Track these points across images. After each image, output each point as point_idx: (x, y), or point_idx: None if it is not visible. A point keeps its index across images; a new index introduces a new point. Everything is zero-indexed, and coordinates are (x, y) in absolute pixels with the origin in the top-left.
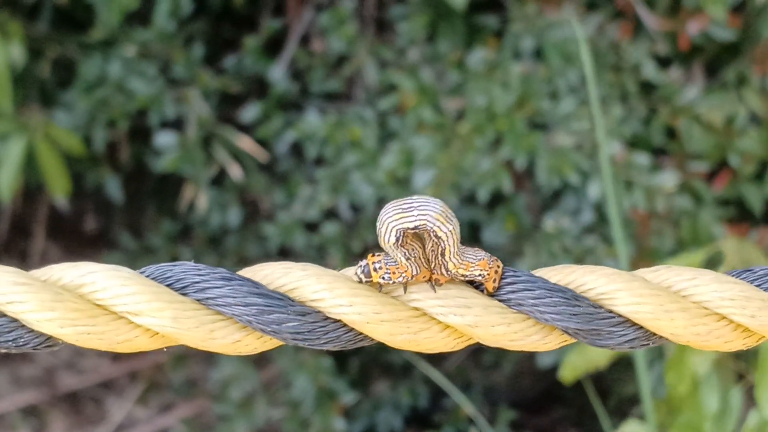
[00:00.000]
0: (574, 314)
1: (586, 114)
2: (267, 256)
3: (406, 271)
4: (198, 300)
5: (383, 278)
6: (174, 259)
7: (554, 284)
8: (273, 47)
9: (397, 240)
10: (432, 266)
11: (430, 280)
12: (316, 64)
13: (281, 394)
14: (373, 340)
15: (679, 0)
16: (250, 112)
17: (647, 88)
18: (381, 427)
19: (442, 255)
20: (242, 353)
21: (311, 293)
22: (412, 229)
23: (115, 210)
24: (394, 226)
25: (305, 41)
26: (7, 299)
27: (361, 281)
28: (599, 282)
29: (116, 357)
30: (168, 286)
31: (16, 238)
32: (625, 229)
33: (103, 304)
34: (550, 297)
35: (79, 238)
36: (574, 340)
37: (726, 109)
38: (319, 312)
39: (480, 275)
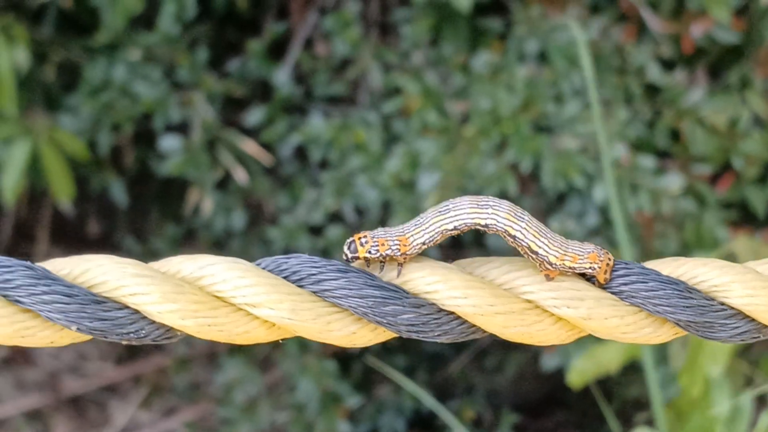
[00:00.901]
0: (687, 306)
1: (591, 117)
2: None
3: (403, 246)
4: (314, 292)
5: (370, 252)
6: None
7: (666, 276)
8: (277, 51)
9: (453, 229)
10: (539, 265)
11: (544, 273)
12: (320, 68)
13: (285, 397)
14: (485, 332)
15: (683, 2)
16: (254, 116)
17: (652, 90)
18: (384, 430)
19: (533, 252)
20: (356, 345)
21: (425, 285)
22: (483, 226)
23: (119, 214)
24: (463, 219)
25: (309, 45)
26: (130, 291)
27: (348, 260)
28: (711, 274)
29: (120, 361)
30: (284, 278)
31: (19, 242)
32: (630, 231)
33: (222, 296)
34: (663, 289)
35: (82, 241)
36: (685, 333)
37: (729, 111)
38: (433, 304)
39: (591, 268)
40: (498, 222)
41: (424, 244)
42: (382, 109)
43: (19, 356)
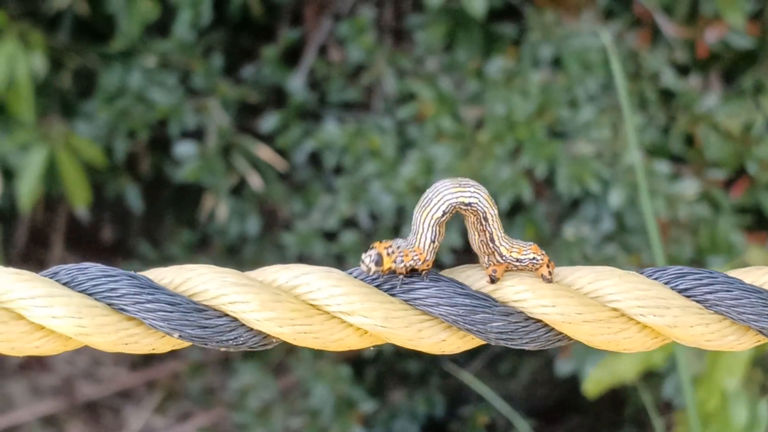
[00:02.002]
0: None
1: (606, 122)
2: None
3: (420, 254)
4: (405, 300)
5: (396, 262)
6: None
7: (750, 285)
8: (291, 57)
9: (443, 215)
10: (485, 258)
11: (490, 270)
12: (334, 74)
13: (299, 402)
14: (571, 340)
15: (697, 7)
16: (268, 122)
17: (666, 95)
18: None
19: (492, 240)
20: (445, 352)
21: (514, 294)
22: (466, 205)
23: (133, 220)
24: (448, 199)
25: (323, 51)
26: (230, 299)
27: (369, 271)
28: None
29: (134, 366)
30: (376, 287)
31: (34, 247)
32: (644, 236)
33: (317, 305)
34: (748, 298)
35: (96, 247)
36: (767, 340)
37: (743, 116)
38: (521, 312)
39: (534, 260)
40: (480, 201)
41: (433, 242)
42: (397, 115)
43: (34, 362)
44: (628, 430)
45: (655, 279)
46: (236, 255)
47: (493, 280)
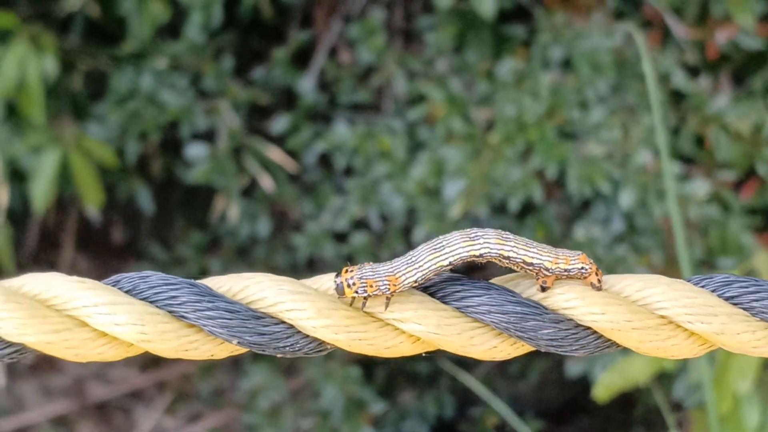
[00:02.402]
0: None
1: (616, 123)
2: (295, 267)
3: (393, 286)
4: (458, 308)
5: (357, 293)
6: (203, 270)
7: None
8: (301, 59)
9: (449, 264)
10: (534, 275)
11: (540, 282)
12: (344, 76)
13: (309, 403)
14: (619, 347)
15: (707, 9)
16: (279, 124)
17: (677, 97)
18: None
19: (529, 265)
20: (496, 358)
21: (564, 301)
22: (479, 256)
23: (144, 221)
24: (459, 253)
25: (333, 53)
26: (287, 307)
27: (337, 293)
28: None
29: (145, 367)
30: (430, 294)
31: (45, 249)
32: (655, 237)
33: (372, 312)
34: None
35: (107, 248)
36: None
37: (753, 117)
38: (570, 319)
39: (582, 269)
40: (491, 249)
41: (416, 282)
42: (407, 117)
43: (44, 363)
44: (637, 430)
45: (702, 287)
46: (247, 256)
47: (543, 289)
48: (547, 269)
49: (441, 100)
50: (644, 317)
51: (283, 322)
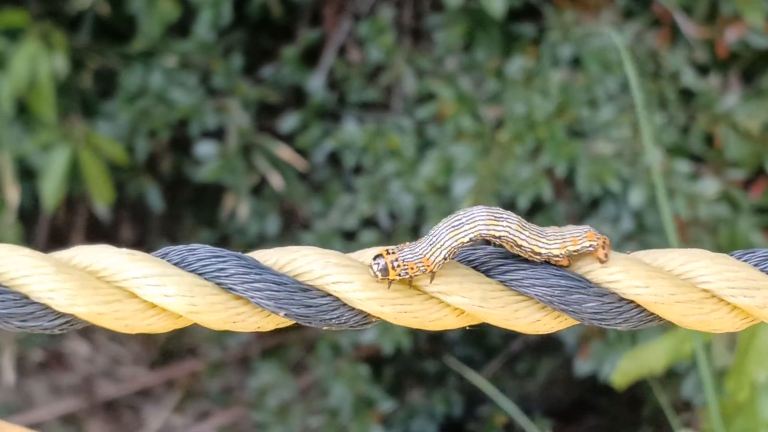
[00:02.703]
0: None
1: (626, 121)
2: None
3: (428, 266)
4: (502, 281)
5: (399, 275)
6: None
7: None
8: (311, 57)
9: (469, 241)
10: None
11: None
12: (353, 74)
13: (318, 401)
14: (662, 320)
15: (717, 7)
16: (288, 122)
17: (686, 95)
18: None
19: (538, 254)
20: (539, 332)
21: (607, 275)
22: (496, 237)
23: (152, 219)
24: (480, 229)
25: (342, 51)
26: (333, 279)
27: (376, 277)
28: None
29: (153, 365)
30: (474, 268)
31: (54, 246)
32: (665, 236)
33: (417, 285)
34: None
35: (115, 246)
36: None
37: (763, 116)
38: (614, 293)
39: (591, 246)
40: (510, 233)
41: (444, 259)
42: (416, 115)
43: (54, 361)
44: (645, 430)
45: (745, 261)
46: None
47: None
48: (555, 256)
49: (450, 98)
50: (687, 291)
51: (329, 295)
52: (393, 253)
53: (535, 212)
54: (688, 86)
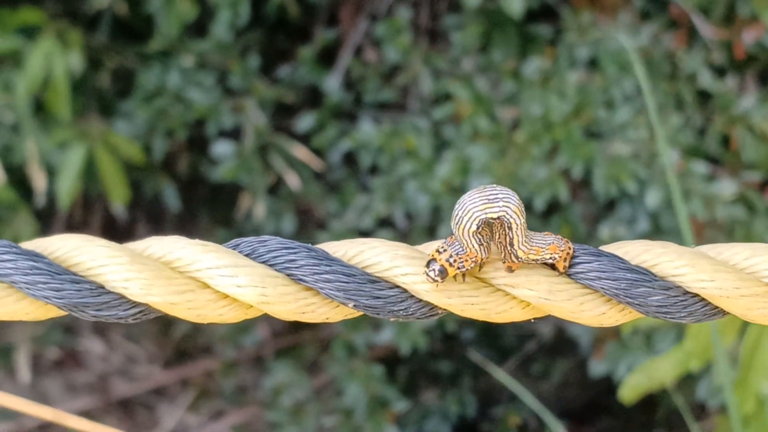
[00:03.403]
0: None
1: (642, 123)
2: None
3: (476, 257)
4: (568, 274)
5: (459, 269)
6: None
7: None
8: (327, 57)
9: (477, 228)
10: (502, 255)
11: (507, 265)
12: (370, 74)
13: (333, 401)
14: (726, 314)
15: (734, 9)
16: (305, 122)
17: (703, 97)
18: None
19: (511, 245)
20: (603, 325)
21: (673, 269)
22: (495, 219)
23: (168, 218)
24: (478, 216)
25: (359, 51)
26: (402, 271)
27: (436, 282)
28: None
29: (168, 364)
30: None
31: None
32: (680, 238)
33: (484, 278)
34: None
35: None
36: None
37: None
38: (679, 287)
39: (551, 258)
40: (507, 214)
41: (481, 244)
42: (433, 115)
43: (69, 359)
44: None
45: None
46: None
47: (510, 270)
48: (517, 257)
49: (467, 98)
50: (752, 285)
51: (398, 287)
52: (445, 250)
53: (552, 213)
54: (705, 88)
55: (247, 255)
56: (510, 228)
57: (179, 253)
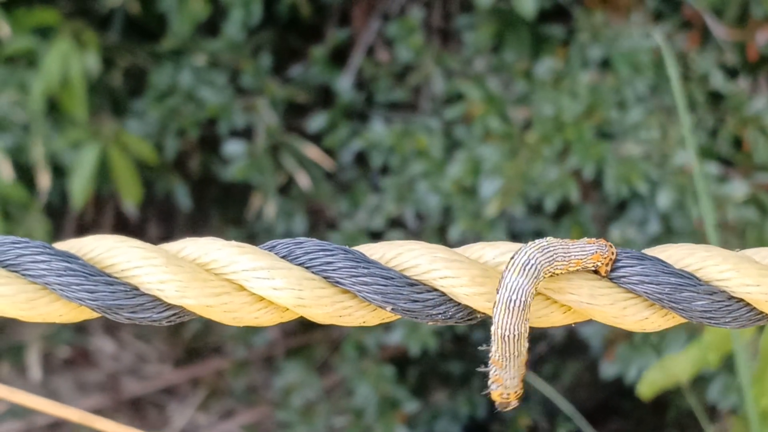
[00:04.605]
0: None
1: (654, 123)
2: None
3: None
4: (610, 278)
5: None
6: None
7: None
8: (339, 57)
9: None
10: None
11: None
12: (381, 74)
13: (343, 401)
14: None
15: (747, 10)
16: (316, 122)
17: (715, 98)
18: None
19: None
20: (646, 330)
21: (717, 273)
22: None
23: (180, 217)
24: (529, 291)
25: (371, 51)
26: (441, 274)
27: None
28: None
29: (178, 363)
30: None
31: None
32: (691, 239)
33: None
34: None
35: None
36: None
37: None
38: (723, 291)
39: (594, 266)
40: (546, 271)
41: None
42: (444, 116)
43: (80, 358)
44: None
45: None
46: None
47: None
48: (556, 275)
49: (478, 99)
50: None
51: (436, 290)
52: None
53: (562, 214)
54: (717, 89)
55: (283, 257)
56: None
57: (215, 255)
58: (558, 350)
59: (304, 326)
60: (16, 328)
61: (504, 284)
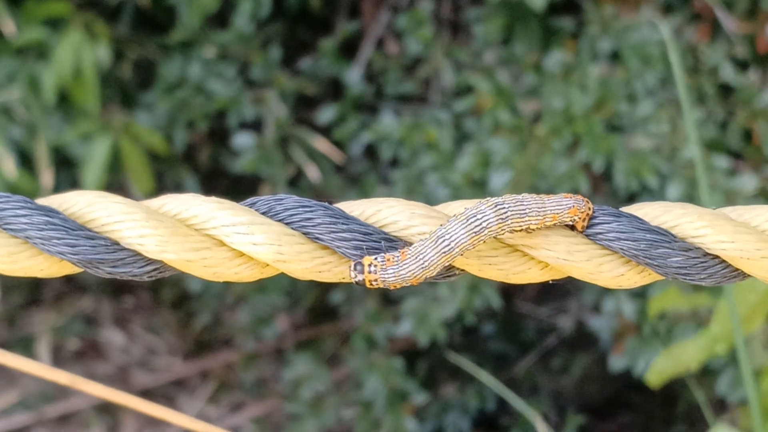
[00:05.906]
0: None
1: (664, 116)
2: None
3: (415, 281)
4: (587, 235)
5: (372, 284)
6: None
7: None
8: (349, 49)
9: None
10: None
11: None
12: (391, 67)
13: (352, 394)
14: (746, 276)
15: (757, 2)
16: (326, 114)
17: (725, 90)
18: (449, 429)
19: (515, 231)
20: (622, 287)
21: (693, 229)
22: (493, 236)
23: None
24: (469, 242)
25: (380, 43)
26: (419, 230)
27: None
28: None
29: (188, 356)
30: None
31: None
32: None
33: (502, 238)
34: None
35: None
36: None
37: None
38: (699, 248)
39: (571, 220)
40: (490, 227)
41: (435, 274)
42: (454, 108)
43: (90, 350)
44: (680, 427)
45: None
46: None
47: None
48: (531, 230)
49: (488, 91)
50: None
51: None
52: (374, 271)
53: None
54: (727, 81)
55: (263, 213)
56: (512, 231)
57: (195, 210)
58: (567, 343)
59: (313, 319)
60: (26, 320)
61: (444, 227)
